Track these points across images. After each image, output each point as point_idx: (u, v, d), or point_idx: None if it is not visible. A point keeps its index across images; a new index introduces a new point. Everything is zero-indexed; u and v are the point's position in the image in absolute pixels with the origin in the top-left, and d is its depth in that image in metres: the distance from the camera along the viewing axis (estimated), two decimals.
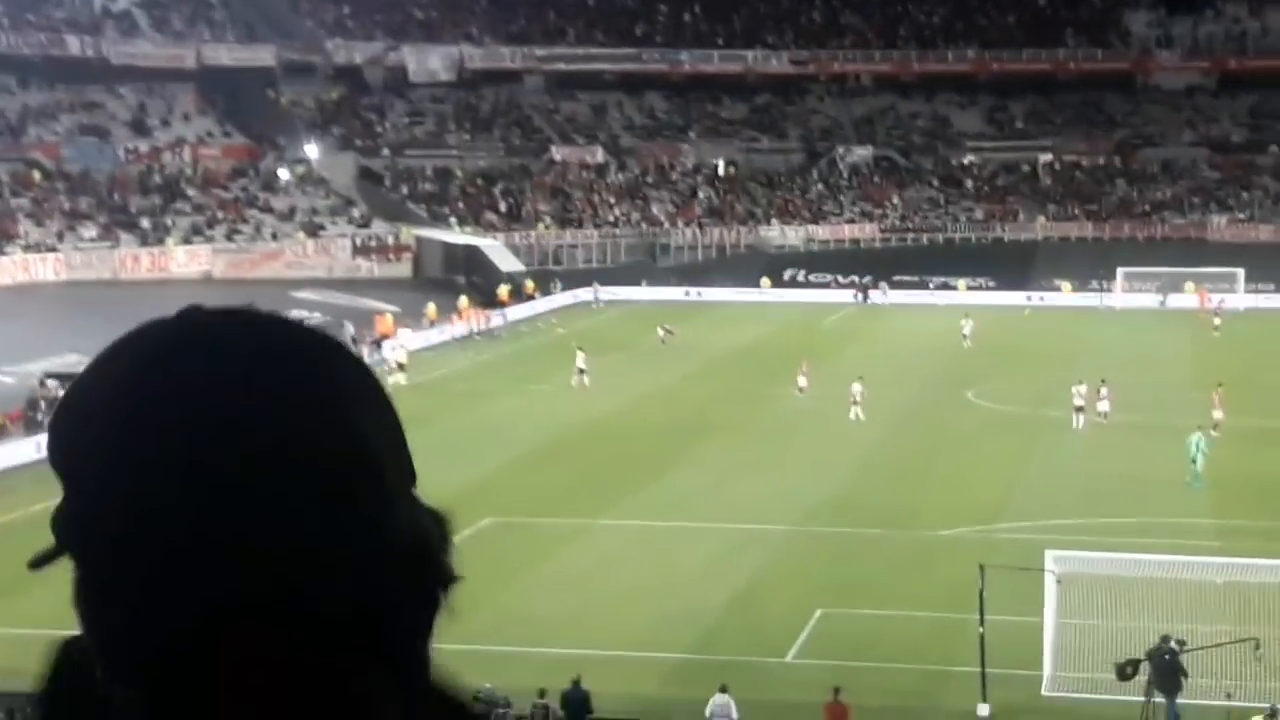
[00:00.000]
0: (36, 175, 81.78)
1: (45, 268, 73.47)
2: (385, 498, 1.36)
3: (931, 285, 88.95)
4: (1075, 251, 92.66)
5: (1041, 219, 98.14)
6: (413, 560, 1.37)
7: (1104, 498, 40.01)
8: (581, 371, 58.00)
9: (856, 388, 51.40)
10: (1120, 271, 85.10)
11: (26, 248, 74.05)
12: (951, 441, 47.79)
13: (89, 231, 77.78)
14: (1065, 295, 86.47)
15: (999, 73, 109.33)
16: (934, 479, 42.62)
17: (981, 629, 26.21)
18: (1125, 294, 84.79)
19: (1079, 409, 49.66)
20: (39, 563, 1.37)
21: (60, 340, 55.33)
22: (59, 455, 1.35)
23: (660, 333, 68.97)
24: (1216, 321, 73.91)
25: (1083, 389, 49.92)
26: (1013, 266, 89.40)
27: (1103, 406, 49.99)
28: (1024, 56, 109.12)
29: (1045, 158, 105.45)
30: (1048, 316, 79.87)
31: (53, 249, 74.98)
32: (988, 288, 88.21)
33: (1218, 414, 48.20)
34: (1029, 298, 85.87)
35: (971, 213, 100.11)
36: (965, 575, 28.06)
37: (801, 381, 55.21)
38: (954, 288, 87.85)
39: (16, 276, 71.69)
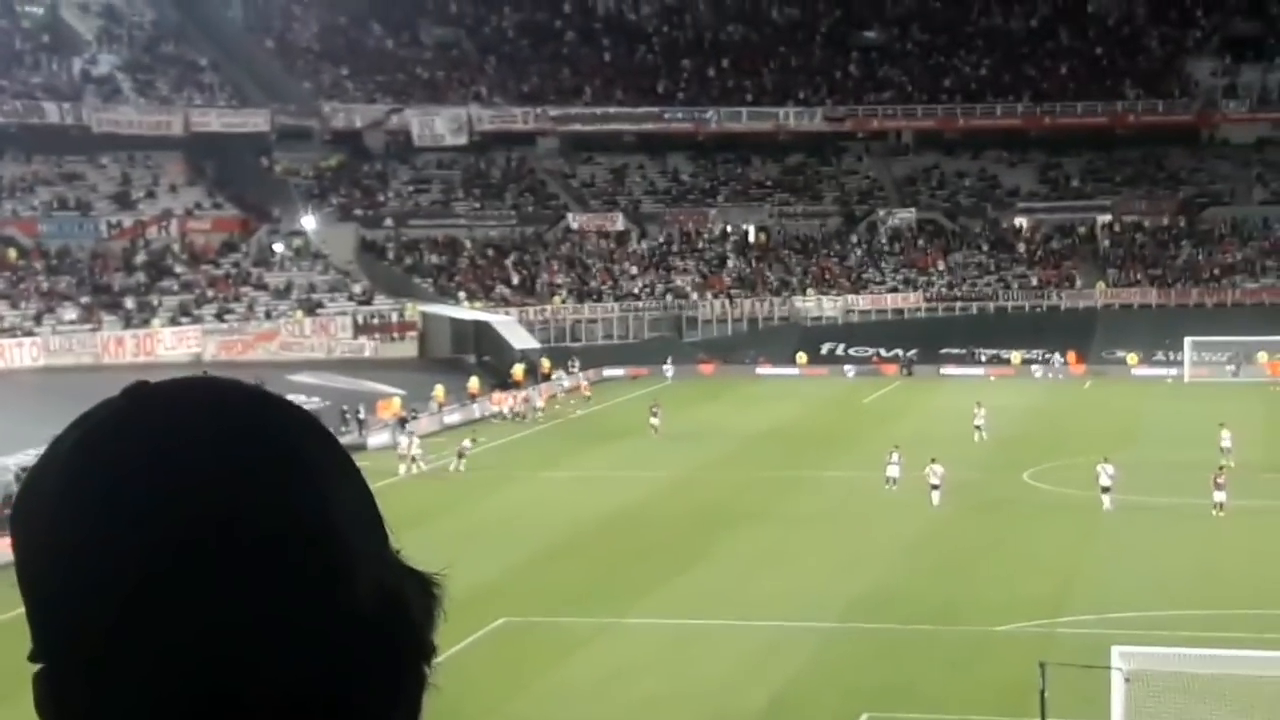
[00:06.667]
0: (12, 253, 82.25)
1: (21, 353, 73.67)
2: (344, 562, 1.37)
3: (983, 358, 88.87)
4: (1139, 320, 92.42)
5: (1101, 285, 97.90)
6: (380, 628, 1.39)
7: (1175, 588, 39.64)
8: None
9: (938, 469, 51.26)
10: (1188, 341, 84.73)
11: (1, 331, 74.33)
12: (1006, 528, 47.65)
13: (69, 313, 78.07)
14: (1130, 367, 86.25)
15: (1052, 128, 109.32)
16: (987, 569, 42.32)
17: None
18: (1194, 365, 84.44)
19: (1106, 489, 49.78)
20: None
21: (37, 431, 54.15)
22: (14, 531, 1.42)
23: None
24: None
25: (1109, 468, 50.12)
26: (1071, 337, 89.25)
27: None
28: (1079, 110, 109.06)
29: (1104, 218, 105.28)
30: (1110, 389, 79.67)
31: (29, 333, 75.22)
32: (1044, 360, 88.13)
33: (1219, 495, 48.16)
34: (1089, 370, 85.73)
35: (1025, 279, 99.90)
36: (1024, 675, 27.93)
37: (892, 471, 53.73)
38: (1007, 360, 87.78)
39: None
